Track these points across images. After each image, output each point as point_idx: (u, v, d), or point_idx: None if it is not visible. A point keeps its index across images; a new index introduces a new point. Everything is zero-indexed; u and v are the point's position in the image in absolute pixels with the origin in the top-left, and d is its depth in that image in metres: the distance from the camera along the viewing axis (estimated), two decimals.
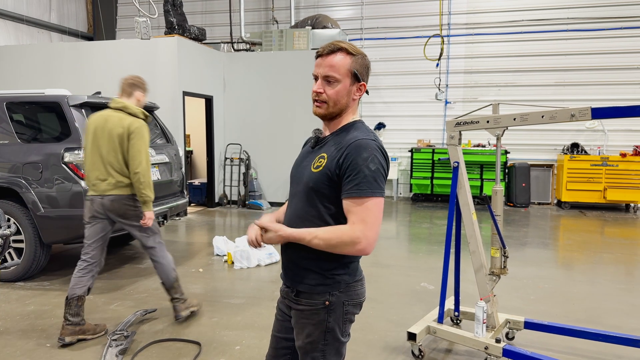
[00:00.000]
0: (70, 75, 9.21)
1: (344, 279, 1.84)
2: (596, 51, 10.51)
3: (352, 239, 1.71)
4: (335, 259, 1.82)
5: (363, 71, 1.84)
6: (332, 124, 1.89)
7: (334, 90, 1.81)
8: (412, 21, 11.45)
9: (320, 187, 1.80)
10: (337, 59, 1.79)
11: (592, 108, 2.95)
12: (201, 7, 12.97)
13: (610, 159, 9.87)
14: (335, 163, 1.76)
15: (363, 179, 1.71)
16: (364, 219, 1.71)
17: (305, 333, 1.86)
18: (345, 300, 1.85)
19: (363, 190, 1.71)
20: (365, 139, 1.76)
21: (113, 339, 3.63)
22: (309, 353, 1.87)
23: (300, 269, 1.87)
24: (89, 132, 3.81)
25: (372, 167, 1.72)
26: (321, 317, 1.83)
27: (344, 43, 1.82)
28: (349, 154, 1.74)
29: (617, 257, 6.34)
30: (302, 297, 1.86)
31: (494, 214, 3.51)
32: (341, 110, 1.85)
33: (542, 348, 3.66)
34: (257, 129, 10.19)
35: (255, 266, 5.77)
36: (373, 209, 1.72)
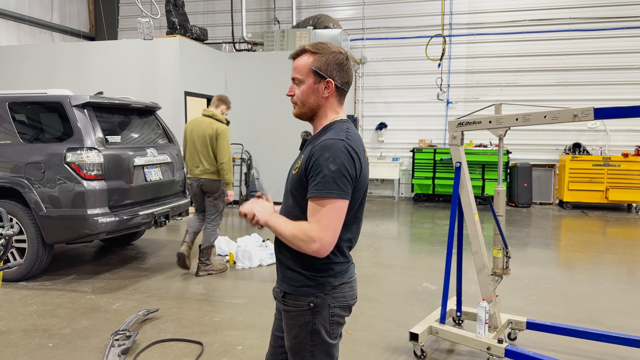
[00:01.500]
0: (72, 76, 9.22)
1: (328, 281, 1.83)
2: (598, 51, 10.50)
3: (308, 237, 1.70)
4: (319, 261, 1.80)
5: (328, 68, 1.82)
6: (314, 125, 1.91)
7: (300, 91, 1.86)
8: (413, 21, 11.45)
9: (297, 188, 1.81)
10: (300, 61, 1.85)
11: (595, 108, 2.95)
12: (203, 7, 12.98)
13: (612, 159, 9.85)
14: (304, 164, 1.77)
15: (322, 179, 1.69)
16: (319, 220, 1.70)
17: (293, 334, 1.87)
18: (331, 302, 1.83)
19: (320, 190, 1.69)
20: (333, 139, 1.74)
21: (115, 338, 3.64)
22: (297, 354, 1.87)
23: (286, 270, 1.87)
24: (187, 132, 5.34)
25: (332, 168, 1.69)
26: (306, 319, 1.83)
27: (310, 45, 1.85)
28: (314, 154, 1.73)
29: (619, 258, 6.33)
30: (288, 298, 1.86)
31: (496, 214, 3.51)
32: (312, 109, 1.86)
33: (544, 348, 3.65)
34: (259, 129, 10.20)
35: (257, 266, 5.78)
36: (329, 211, 1.69)
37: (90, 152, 4.96)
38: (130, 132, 5.75)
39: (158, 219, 5.56)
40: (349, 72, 1.87)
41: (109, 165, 5.09)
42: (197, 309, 4.42)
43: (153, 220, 5.51)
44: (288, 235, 1.74)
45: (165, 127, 6.37)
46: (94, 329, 3.96)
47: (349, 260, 1.91)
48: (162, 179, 5.84)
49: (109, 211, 5.04)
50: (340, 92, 1.88)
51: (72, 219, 4.93)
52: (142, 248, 6.64)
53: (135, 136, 5.79)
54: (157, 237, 7.29)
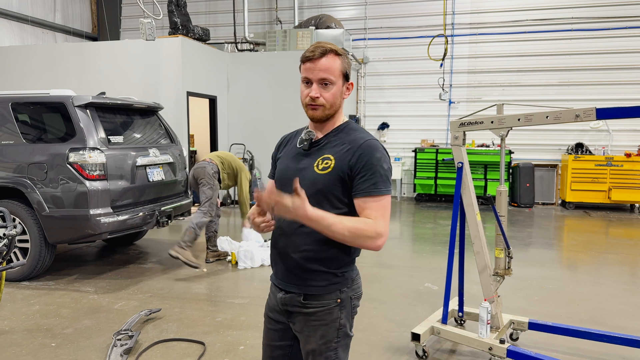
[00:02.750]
0: (74, 76, 9.24)
1: (350, 275, 1.88)
2: (600, 51, 10.47)
3: (377, 233, 1.73)
4: (346, 256, 1.84)
5: (349, 70, 1.87)
6: (326, 125, 1.88)
7: (330, 93, 1.79)
8: (415, 21, 11.44)
9: (331, 188, 1.79)
10: (329, 62, 1.77)
11: (597, 109, 2.94)
12: (205, 7, 12.99)
13: (615, 159, 9.83)
14: (347, 164, 1.77)
15: (379, 177, 1.77)
16: (383, 215, 1.76)
17: (319, 334, 1.83)
18: (352, 295, 1.89)
19: (380, 189, 1.76)
20: (373, 139, 1.83)
21: (118, 338, 3.65)
22: (322, 354, 1.84)
23: (306, 272, 1.82)
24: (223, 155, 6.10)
25: (385, 167, 1.79)
26: (334, 316, 1.84)
27: (329, 44, 1.81)
28: (362, 154, 1.77)
29: (621, 258, 6.32)
30: (312, 299, 1.83)
31: (498, 214, 3.50)
32: (336, 111, 1.86)
33: (546, 349, 3.65)
34: (261, 129, 10.20)
35: (259, 266, 5.78)
36: (388, 206, 1.79)
37: (93, 153, 4.97)
38: (132, 132, 5.76)
39: (160, 219, 5.57)
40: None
41: (111, 166, 5.10)
42: (199, 309, 4.42)
43: (155, 220, 5.52)
44: (348, 233, 1.68)
45: (168, 127, 6.38)
46: (97, 329, 3.97)
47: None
48: (164, 179, 5.85)
49: (112, 211, 5.05)
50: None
51: (74, 219, 4.94)
52: (144, 248, 6.65)
53: (137, 136, 5.80)
54: (159, 237, 7.31)
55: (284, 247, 1.85)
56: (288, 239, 1.84)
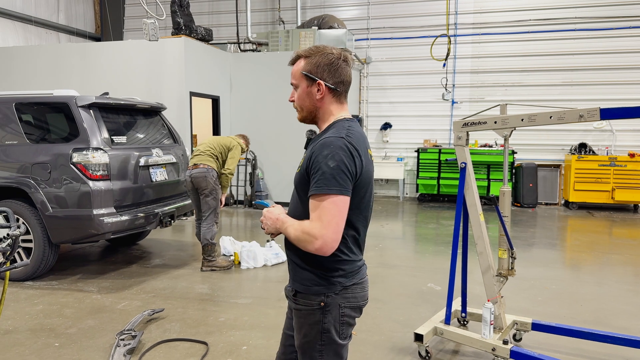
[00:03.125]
0: (78, 76, 9.26)
1: (339, 281, 1.84)
2: (604, 51, 10.44)
3: (310, 235, 1.71)
4: (329, 260, 1.81)
5: (318, 69, 1.84)
6: (319, 126, 1.94)
7: (297, 96, 1.91)
8: (418, 21, 11.42)
9: (300, 186, 1.85)
10: (294, 67, 1.90)
11: (601, 109, 2.93)
12: (208, 7, 13.01)
13: (619, 159, 9.79)
14: (306, 163, 1.80)
15: (321, 176, 1.71)
16: (320, 216, 1.71)
17: (302, 333, 1.89)
18: (341, 302, 1.85)
19: (320, 187, 1.71)
20: (332, 137, 1.76)
21: (121, 338, 3.66)
22: (306, 353, 1.89)
23: (297, 269, 1.89)
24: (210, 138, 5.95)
25: (330, 164, 1.70)
26: (317, 318, 1.84)
27: (304, 49, 1.89)
28: (314, 153, 1.76)
29: (625, 258, 6.30)
30: (299, 296, 1.88)
31: (501, 215, 3.50)
32: (311, 112, 1.90)
33: (549, 350, 3.64)
34: (264, 129, 10.21)
35: (262, 266, 5.78)
36: (329, 207, 1.70)
37: (96, 153, 4.98)
38: (135, 132, 5.77)
39: (163, 219, 5.58)
40: (341, 70, 1.86)
41: (114, 166, 5.11)
42: (202, 309, 4.43)
43: (158, 221, 5.53)
44: (292, 236, 1.78)
45: (171, 127, 6.39)
46: (100, 329, 3.98)
47: (359, 259, 1.91)
48: (167, 179, 5.85)
49: (115, 211, 5.06)
50: (335, 92, 1.87)
51: (78, 219, 4.95)
52: (147, 248, 6.66)
53: (140, 136, 5.81)
54: (162, 237, 7.32)
55: (287, 242, 1.91)
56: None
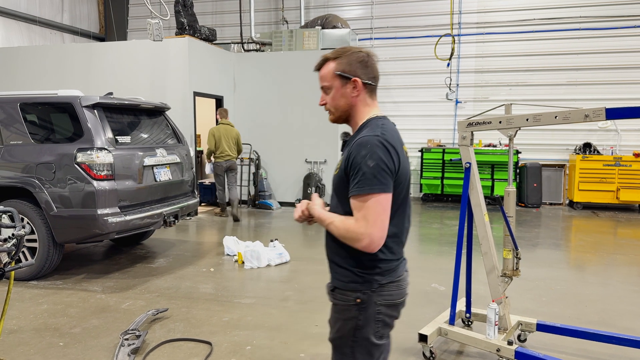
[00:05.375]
0: (82, 76, 9.29)
1: (375, 279, 1.86)
2: (609, 50, 10.39)
3: (356, 235, 1.74)
4: (366, 258, 1.84)
5: (350, 68, 1.88)
6: (352, 125, 1.97)
7: (330, 97, 1.93)
8: (422, 20, 11.40)
9: (338, 187, 1.88)
10: (324, 70, 1.93)
11: (607, 109, 2.92)
12: (211, 7, 13.02)
13: (624, 159, 9.75)
14: (344, 164, 1.82)
15: (362, 176, 1.73)
16: (365, 216, 1.73)
17: (336, 327, 1.93)
18: (377, 300, 1.87)
19: (362, 187, 1.73)
20: (368, 136, 1.79)
21: (125, 338, 3.66)
22: (338, 348, 1.93)
23: (335, 266, 1.93)
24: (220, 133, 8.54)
25: (370, 164, 1.73)
26: (352, 314, 1.87)
27: (331, 52, 1.94)
28: (351, 153, 1.78)
29: (630, 259, 6.27)
30: (337, 292, 1.92)
31: (506, 215, 3.48)
32: (346, 111, 1.93)
33: (554, 350, 3.63)
34: (267, 129, 10.21)
35: (266, 266, 5.78)
36: (374, 206, 1.73)
37: (101, 153, 4.99)
38: (139, 132, 5.78)
39: (167, 218, 5.59)
40: (373, 67, 1.91)
41: (118, 166, 5.12)
42: (206, 309, 4.43)
43: (162, 220, 5.54)
44: (337, 233, 1.81)
45: (175, 127, 6.40)
46: (104, 328, 3.99)
47: (398, 257, 1.93)
48: (171, 179, 5.86)
49: (119, 211, 5.07)
50: (369, 87, 1.92)
51: (82, 219, 4.97)
52: (151, 247, 6.67)
53: (144, 136, 5.82)
54: (166, 236, 7.33)
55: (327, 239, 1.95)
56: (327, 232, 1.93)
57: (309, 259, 6.14)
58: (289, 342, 3.77)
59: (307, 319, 4.22)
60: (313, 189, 9.68)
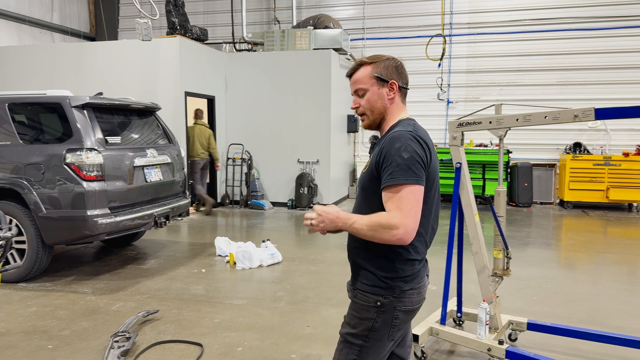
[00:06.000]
0: (72, 76, 9.21)
1: (398, 285, 1.88)
2: (598, 50, 10.47)
3: (390, 224, 1.72)
4: (392, 259, 1.86)
5: (387, 72, 1.95)
6: (382, 128, 2.01)
7: (366, 99, 1.96)
8: (414, 21, 11.43)
9: (367, 185, 1.89)
10: (360, 73, 1.97)
11: (596, 109, 2.93)
12: (203, 7, 12.97)
13: (613, 159, 9.83)
14: (375, 159, 1.84)
15: (396, 167, 1.75)
16: (400, 206, 1.73)
17: (351, 324, 1.94)
18: (397, 305, 1.88)
19: (396, 178, 1.74)
20: (400, 130, 1.83)
21: (115, 340, 3.63)
22: (347, 343, 1.94)
23: (357, 267, 1.95)
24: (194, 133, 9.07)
25: (404, 156, 1.75)
26: (370, 315, 1.89)
27: (365, 58, 1.99)
28: (384, 147, 1.81)
29: (620, 258, 6.32)
30: (358, 292, 1.94)
31: (496, 214, 3.49)
32: (381, 113, 1.97)
33: (545, 349, 3.64)
34: (259, 129, 10.18)
35: (258, 267, 5.76)
36: (408, 197, 1.74)
37: (90, 153, 4.95)
38: (130, 132, 5.74)
39: (158, 219, 5.56)
40: (405, 72, 2.01)
41: (108, 166, 5.08)
42: (197, 310, 4.41)
43: (153, 221, 5.50)
44: (367, 228, 1.77)
45: (166, 127, 6.36)
46: (94, 331, 3.95)
47: (421, 258, 1.94)
48: (162, 180, 5.83)
49: (109, 212, 5.04)
50: (403, 92, 2.01)
51: (72, 220, 4.92)
52: (142, 249, 6.63)
53: (135, 137, 5.78)
54: (157, 237, 7.29)
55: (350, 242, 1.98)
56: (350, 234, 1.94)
57: (302, 259, 6.12)
58: (280, 343, 3.76)
59: (298, 320, 4.21)
60: (305, 189, 9.67)
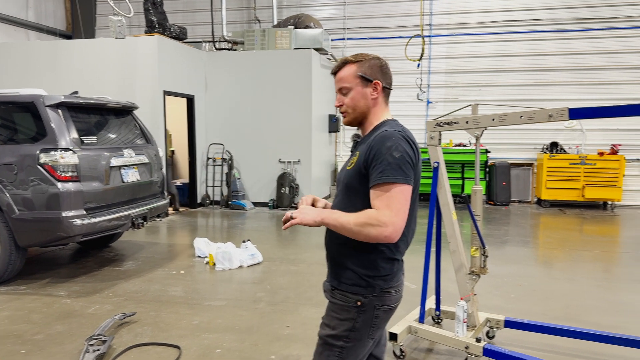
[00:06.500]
0: (47, 75, 9.03)
1: (378, 284, 1.88)
2: (574, 52, 10.66)
3: (379, 222, 1.72)
4: (373, 258, 1.85)
5: (372, 71, 1.95)
6: (365, 127, 2.00)
7: (349, 98, 1.96)
8: (394, 21, 11.48)
9: (352, 182, 1.88)
10: (344, 71, 1.96)
11: (570, 109, 2.98)
12: (182, 5, 12.84)
13: (589, 158, 10.02)
14: (363, 157, 1.83)
15: (387, 166, 1.75)
16: (389, 205, 1.74)
17: (331, 326, 1.92)
18: (377, 304, 1.89)
19: (387, 177, 1.75)
20: (390, 130, 1.84)
21: (90, 344, 3.56)
22: (327, 344, 1.92)
23: (337, 266, 1.93)
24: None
25: (395, 155, 1.76)
26: (350, 315, 1.88)
27: (350, 56, 1.99)
28: (374, 146, 1.81)
29: (595, 255, 6.44)
30: (337, 292, 1.92)
31: (473, 213, 3.53)
32: (363, 112, 1.97)
33: (522, 346, 3.69)
34: (240, 128, 10.12)
35: (238, 267, 5.72)
36: (398, 196, 1.75)
37: (65, 153, 4.85)
38: (106, 132, 5.65)
39: (136, 220, 5.48)
40: (389, 73, 2.01)
41: (84, 167, 4.99)
42: (176, 312, 4.36)
43: (130, 222, 5.42)
44: (354, 225, 1.75)
45: (143, 127, 6.28)
46: (69, 334, 3.88)
47: (400, 258, 1.95)
48: (139, 180, 5.75)
49: (85, 213, 4.95)
50: (386, 92, 2.02)
51: (46, 222, 4.82)
52: (120, 250, 6.53)
53: (112, 136, 5.69)
54: (135, 238, 7.19)
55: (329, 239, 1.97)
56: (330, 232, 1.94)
57: (282, 259, 6.10)
58: (259, 344, 3.74)
59: (278, 321, 4.19)
60: (287, 189, 9.64)
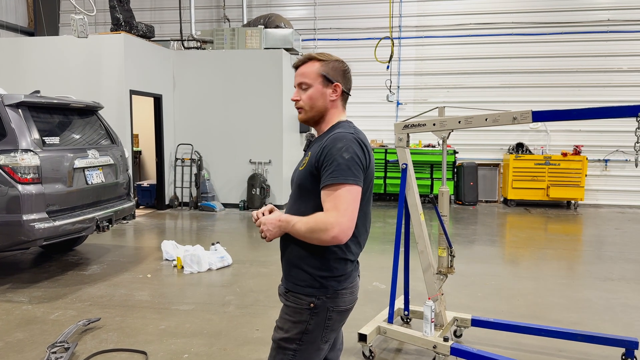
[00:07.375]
0: (8, 73, 8.72)
1: (331, 285, 1.88)
2: (538, 55, 10.94)
3: (325, 224, 1.73)
4: (326, 258, 1.85)
5: (334, 73, 1.94)
6: (320, 128, 1.99)
7: (307, 95, 1.94)
8: (364, 23, 11.55)
9: (304, 182, 1.88)
10: (307, 67, 1.94)
11: (533, 111, 3.05)
12: (150, 3, 12.60)
13: (553, 158, 10.30)
14: (315, 158, 1.83)
15: (336, 167, 1.76)
16: (336, 205, 1.74)
17: (284, 329, 1.91)
18: (330, 306, 1.89)
19: (336, 177, 1.75)
20: (343, 132, 1.84)
21: (52, 351, 3.45)
22: (281, 348, 1.91)
23: (291, 267, 1.92)
24: None
25: (345, 156, 1.76)
26: (303, 318, 1.87)
27: (315, 53, 1.98)
28: (326, 147, 1.81)
29: (559, 253, 6.62)
30: (290, 294, 1.92)
31: (440, 214, 3.57)
32: (320, 112, 1.95)
33: (489, 344, 3.75)
34: (209, 129, 10.00)
35: (207, 270, 5.64)
36: (345, 196, 1.75)
37: (25, 155, 4.69)
38: (70, 133, 5.49)
39: (100, 223, 5.35)
40: (351, 79, 2.02)
41: (46, 168, 4.84)
42: (142, 317, 4.26)
43: (95, 225, 5.29)
44: (304, 229, 1.78)
45: (109, 127, 6.13)
46: (30, 342, 3.74)
47: (354, 259, 1.97)
48: (104, 182, 5.61)
49: (47, 216, 4.80)
50: (345, 97, 2.01)
51: (6, 225, 4.66)
52: (84, 254, 6.36)
53: (75, 137, 5.53)
54: (101, 242, 7.01)
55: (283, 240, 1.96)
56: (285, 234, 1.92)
57: (252, 261, 6.05)
58: (228, 348, 3.69)
59: (248, 324, 4.15)
60: (258, 190, 9.58)
